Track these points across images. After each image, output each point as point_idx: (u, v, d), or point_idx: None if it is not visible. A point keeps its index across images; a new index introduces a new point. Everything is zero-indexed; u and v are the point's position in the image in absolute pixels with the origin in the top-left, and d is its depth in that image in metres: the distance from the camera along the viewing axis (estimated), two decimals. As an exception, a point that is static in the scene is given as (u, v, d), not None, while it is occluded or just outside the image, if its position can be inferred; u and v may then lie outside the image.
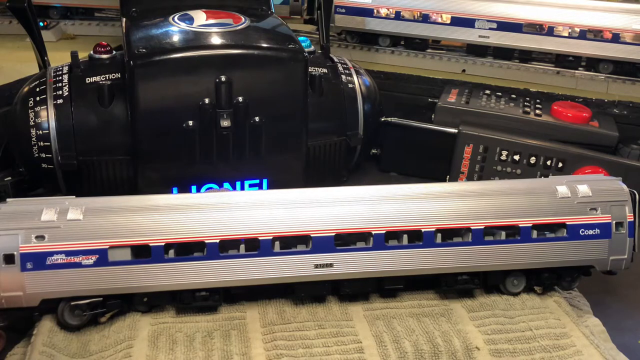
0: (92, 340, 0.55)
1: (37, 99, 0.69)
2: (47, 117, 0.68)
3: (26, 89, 0.71)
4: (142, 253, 0.55)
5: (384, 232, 0.57)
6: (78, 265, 0.53)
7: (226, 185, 0.72)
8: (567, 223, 0.60)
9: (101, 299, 0.55)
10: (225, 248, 0.56)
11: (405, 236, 0.58)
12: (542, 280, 0.62)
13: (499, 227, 0.59)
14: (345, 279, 0.58)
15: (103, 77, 0.70)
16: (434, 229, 0.58)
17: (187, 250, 0.56)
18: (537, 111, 0.90)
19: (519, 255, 0.60)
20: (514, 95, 0.96)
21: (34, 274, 0.53)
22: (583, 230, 0.60)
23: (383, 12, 1.18)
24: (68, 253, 0.53)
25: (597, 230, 0.60)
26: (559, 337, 0.57)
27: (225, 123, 0.68)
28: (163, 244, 0.54)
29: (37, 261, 0.53)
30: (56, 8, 1.28)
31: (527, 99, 0.95)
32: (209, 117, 0.67)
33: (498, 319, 0.59)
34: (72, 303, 0.54)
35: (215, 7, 0.77)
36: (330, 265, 0.57)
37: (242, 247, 0.56)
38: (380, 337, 0.56)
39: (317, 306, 0.60)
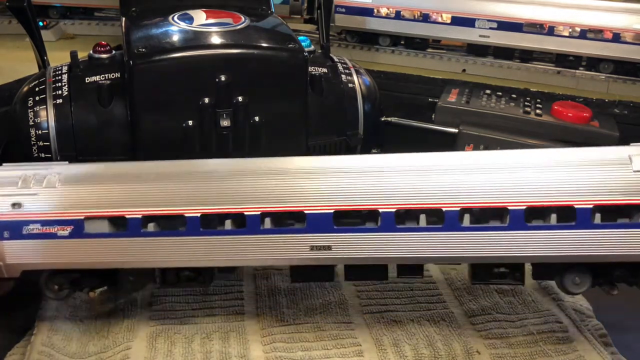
0: (92, 341, 0.55)
1: (37, 98, 0.69)
2: (47, 116, 0.68)
3: (26, 88, 0.71)
4: (121, 226, 0.51)
5: (394, 210, 0.49)
6: (53, 236, 0.50)
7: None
8: None
9: (78, 274, 0.52)
10: (209, 223, 0.51)
11: (422, 216, 0.50)
12: (613, 278, 0.52)
13: (545, 208, 0.48)
14: (348, 264, 0.52)
15: (103, 77, 0.70)
16: (458, 209, 0.49)
17: (169, 224, 0.51)
18: (538, 111, 0.90)
19: (571, 245, 0.49)
20: (514, 95, 0.96)
21: (12, 244, 0.51)
22: None
23: (383, 11, 1.18)
24: (44, 223, 0.50)
25: None
26: (561, 341, 0.57)
27: (225, 123, 0.67)
28: (140, 216, 0.50)
29: (14, 230, 0.50)
30: (56, 8, 1.28)
31: (528, 98, 0.95)
32: (209, 117, 0.67)
33: (499, 322, 0.59)
34: (49, 276, 0.52)
35: (215, 7, 0.76)
36: (328, 248, 0.51)
37: (228, 222, 0.51)
38: (380, 341, 0.56)
39: (317, 308, 0.59)
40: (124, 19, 0.76)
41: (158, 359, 0.52)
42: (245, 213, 0.50)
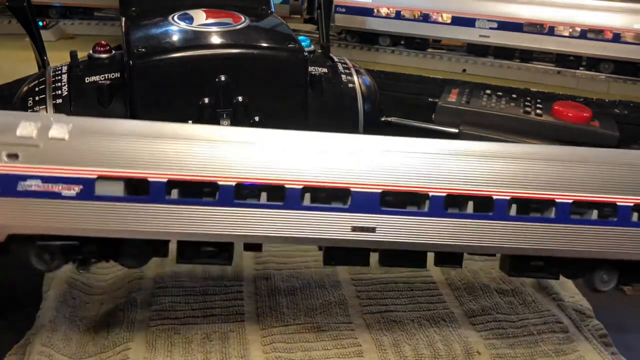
0: (91, 341, 0.55)
1: (37, 98, 0.69)
2: (46, 116, 0.68)
3: (25, 88, 0.71)
4: (139, 189, 0.45)
5: (444, 194, 0.47)
6: (57, 195, 0.44)
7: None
8: None
9: (77, 243, 0.46)
10: (242, 194, 0.47)
11: (470, 203, 0.48)
12: (639, 276, 0.52)
13: (592, 203, 0.48)
14: (389, 248, 0.49)
15: (102, 77, 0.69)
16: (508, 197, 0.47)
17: (195, 191, 0.47)
18: (538, 111, 0.90)
19: (612, 241, 0.49)
20: (514, 95, 0.96)
21: (0, 201, 0.43)
22: None
23: (383, 11, 1.18)
24: (45, 179, 0.43)
25: None
26: (561, 341, 0.57)
27: (225, 123, 0.67)
28: (165, 180, 0.45)
29: (6, 185, 0.43)
30: (55, 8, 1.28)
31: (528, 98, 0.95)
32: (209, 117, 0.67)
33: (499, 323, 0.59)
34: (41, 243, 0.46)
35: (215, 7, 0.76)
36: (373, 229, 0.47)
37: (264, 195, 0.47)
38: (380, 341, 0.56)
39: (317, 309, 0.59)
40: (123, 18, 0.76)
41: (158, 359, 0.52)
42: (286, 186, 0.45)
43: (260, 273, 0.65)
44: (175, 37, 0.69)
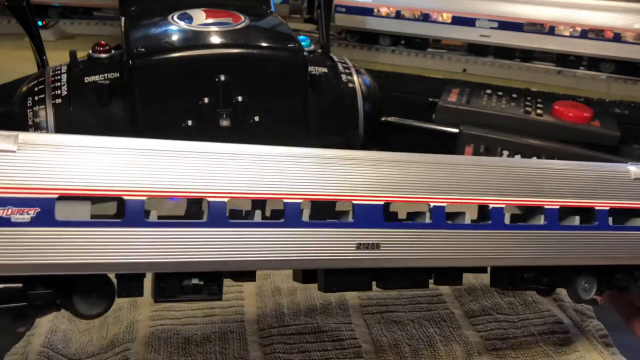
0: (91, 342, 0.55)
1: (36, 98, 0.68)
2: (46, 116, 0.67)
3: (25, 88, 0.71)
4: (114, 211, 0.38)
5: (445, 204, 0.44)
6: (5, 222, 0.34)
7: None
8: None
9: (20, 285, 0.35)
10: (234, 212, 0.41)
11: (466, 213, 0.45)
12: (614, 283, 0.52)
13: (576, 209, 0.48)
14: (392, 267, 0.44)
15: (102, 77, 0.69)
16: (503, 205, 0.45)
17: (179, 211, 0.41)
18: (538, 111, 0.90)
19: (596, 248, 0.48)
20: (515, 95, 0.96)
21: None
22: None
23: (383, 11, 1.18)
24: None
25: None
26: (562, 341, 0.57)
27: (225, 123, 0.67)
28: (144, 198, 0.37)
29: None
30: (55, 7, 1.28)
31: (528, 98, 0.95)
32: (209, 117, 0.67)
33: (500, 323, 0.59)
34: None
35: (215, 6, 0.76)
36: (377, 246, 0.42)
37: (258, 212, 0.41)
38: (380, 342, 0.55)
39: (317, 309, 0.59)
40: (123, 18, 0.75)
41: (157, 359, 0.52)
42: (285, 201, 0.40)
43: (260, 273, 0.64)
44: (175, 37, 0.69)
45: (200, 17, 0.72)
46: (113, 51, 0.73)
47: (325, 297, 0.61)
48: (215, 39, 0.69)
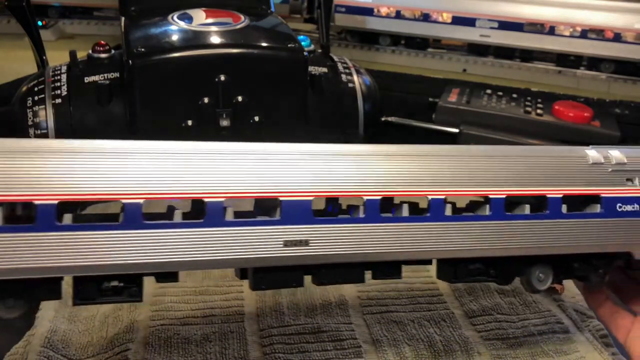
0: (91, 341, 0.55)
1: (36, 98, 0.68)
2: (46, 116, 0.67)
3: (24, 88, 0.71)
4: (21, 215, 0.37)
5: (378, 198, 0.42)
6: None
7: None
8: (603, 195, 0.48)
9: None
10: (155, 213, 0.40)
11: (405, 206, 0.44)
12: (572, 272, 0.50)
13: (524, 197, 0.46)
14: (323, 263, 0.43)
15: (102, 77, 0.69)
16: (442, 197, 0.44)
17: (91, 214, 0.40)
18: (539, 111, 0.90)
19: (548, 237, 0.47)
20: (515, 95, 0.96)
21: None
22: (620, 205, 0.48)
23: (383, 11, 1.18)
24: None
25: (637, 206, 0.49)
26: (562, 342, 0.57)
27: (225, 122, 0.67)
28: (55, 202, 0.36)
29: None
30: (55, 7, 1.28)
31: (528, 98, 0.95)
32: (208, 117, 0.67)
33: (500, 323, 0.59)
34: None
35: (215, 6, 0.76)
36: (306, 242, 0.42)
37: (178, 213, 0.39)
38: (380, 342, 0.55)
39: (317, 309, 0.59)
40: (123, 18, 0.75)
41: (157, 359, 0.52)
42: (205, 199, 0.39)
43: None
44: (175, 37, 0.69)
45: (200, 17, 0.72)
46: (113, 51, 0.73)
47: (325, 297, 0.61)
48: (215, 39, 0.69)
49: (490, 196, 0.45)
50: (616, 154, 0.49)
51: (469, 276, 0.48)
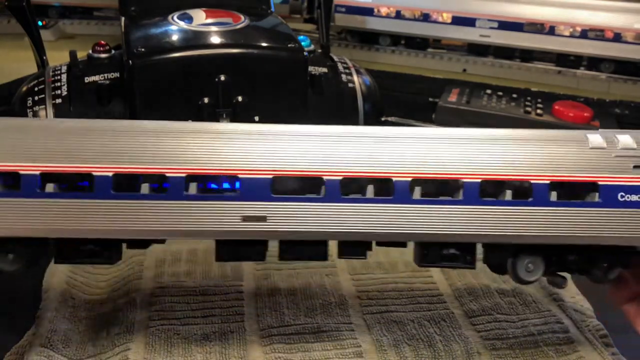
0: (91, 341, 0.55)
1: (36, 98, 0.68)
2: (46, 116, 0.67)
3: (24, 88, 0.71)
4: (11, 185, 0.43)
5: (339, 178, 0.43)
6: None
7: (225, 185, 0.71)
8: (601, 183, 0.44)
9: None
10: (121, 186, 0.44)
11: (370, 187, 0.44)
12: (567, 265, 0.47)
13: (502, 182, 0.44)
14: (285, 239, 0.45)
15: (102, 77, 0.69)
16: (409, 179, 0.44)
17: (69, 184, 0.44)
18: (539, 111, 0.90)
19: (530, 225, 0.44)
20: (515, 95, 0.96)
21: None
22: (623, 194, 0.44)
23: (383, 11, 1.18)
24: None
25: None
26: (562, 341, 0.57)
27: (225, 123, 0.67)
28: (38, 173, 0.42)
29: None
30: (55, 7, 1.28)
31: (528, 98, 0.95)
32: (209, 117, 0.67)
33: (500, 323, 0.59)
34: None
35: (215, 6, 0.76)
36: (263, 218, 0.44)
37: (145, 186, 0.44)
38: (380, 341, 0.55)
39: (317, 309, 0.59)
40: (123, 18, 0.75)
41: (157, 359, 0.52)
42: (168, 174, 0.43)
43: (260, 273, 0.65)
44: (175, 37, 0.69)
45: (200, 17, 0.72)
46: (113, 51, 0.73)
47: (325, 297, 0.61)
48: (215, 39, 0.69)
49: (464, 180, 0.44)
50: (624, 138, 0.45)
51: (442, 261, 0.47)
